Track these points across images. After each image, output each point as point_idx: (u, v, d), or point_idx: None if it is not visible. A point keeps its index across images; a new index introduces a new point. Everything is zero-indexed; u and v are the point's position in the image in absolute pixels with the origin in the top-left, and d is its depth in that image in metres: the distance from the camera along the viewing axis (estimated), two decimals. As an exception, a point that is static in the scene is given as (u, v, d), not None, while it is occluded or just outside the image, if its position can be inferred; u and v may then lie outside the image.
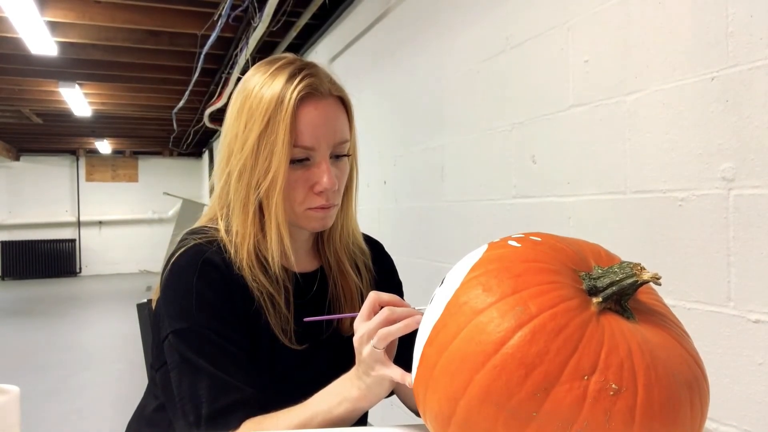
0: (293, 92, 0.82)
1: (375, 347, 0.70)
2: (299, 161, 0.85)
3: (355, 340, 0.73)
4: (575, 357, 0.48)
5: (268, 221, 0.86)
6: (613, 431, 0.47)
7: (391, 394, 1.00)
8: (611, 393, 0.47)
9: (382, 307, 0.73)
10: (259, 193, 0.85)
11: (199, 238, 0.88)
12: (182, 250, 0.86)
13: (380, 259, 1.07)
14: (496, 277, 0.54)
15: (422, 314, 0.74)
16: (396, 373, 0.71)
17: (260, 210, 0.87)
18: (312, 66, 0.88)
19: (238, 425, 0.78)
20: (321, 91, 0.85)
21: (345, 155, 0.90)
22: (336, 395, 0.76)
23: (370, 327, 0.71)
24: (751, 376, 1.04)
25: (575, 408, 0.47)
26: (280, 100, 0.82)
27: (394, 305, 0.73)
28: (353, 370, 0.76)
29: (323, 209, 0.87)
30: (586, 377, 0.47)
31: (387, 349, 0.75)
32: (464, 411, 0.50)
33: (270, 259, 0.87)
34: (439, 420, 0.53)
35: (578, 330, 0.50)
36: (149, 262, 10.54)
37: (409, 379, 0.70)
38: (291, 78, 0.83)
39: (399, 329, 0.70)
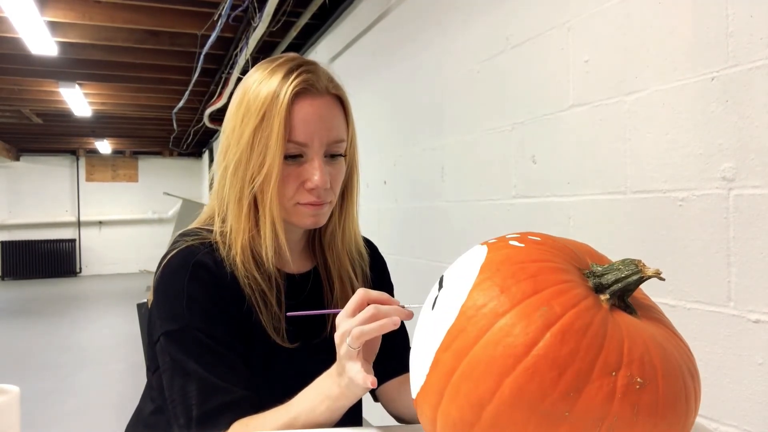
0: (289, 87, 0.82)
1: (350, 346, 0.69)
2: (292, 157, 0.84)
3: (337, 336, 0.72)
4: (603, 354, 0.48)
5: (263, 217, 0.86)
6: (640, 424, 0.47)
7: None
8: (637, 387, 0.48)
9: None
10: (253, 188, 0.85)
11: (192, 240, 0.88)
12: (174, 252, 0.86)
13: (374, 262, 1.07)
14: (512, 277, 0.54)
15: (411, 312, 0.72)
16: (358, 375, 0.69)
17: (255, 205, 0.87)
18: (311, 63, 0.88)
19: (227, 427, 0.78)
20: (317, 87, 0.85)
21: (340, 155, 0.89)
22: (318, 393, 0.75)
23: (352, 324, 0.70)
24: (751, 376, 1.04)
25: (606, 404, 0.47)
26: (275, 95, 0.82)
27: (382, 303, 0.72)
28: (334, 367, 0.75)
29: (314, 206, 0.87)
30: (613, 373, 0.48)
31: (367, 351, 0.74)
32: (491, 416, 0.49)
33: (264, 256, 0.87)
34: (458, 428, 0.52)
35: (601, 327, 0.50)
36: (149, 262, 10.53)
37: (371, 381, 0.68)
38: (288, 74, 0.84)
39: (373, 329, 0.68)
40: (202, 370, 0.80)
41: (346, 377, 0.71)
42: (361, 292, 0.73)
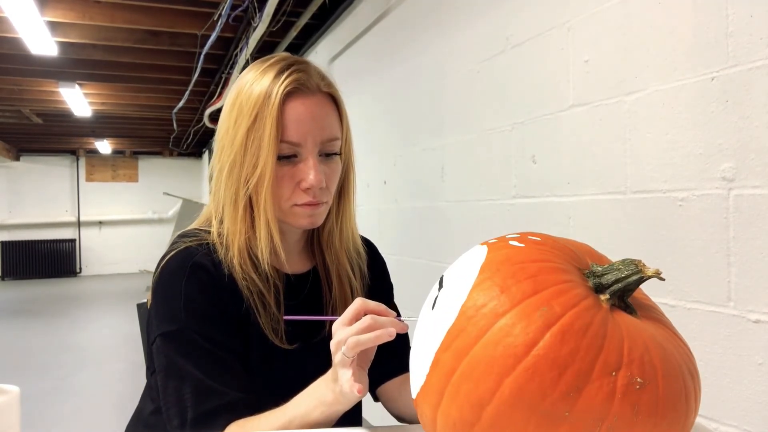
0: (280, 87, 0.82)
1: (344, 354, 0.69)
2: (286, 158, 0.84)
3: (332, 344, 0.72)
4: (603, 354, 0.49)
5: (258, 217, 0.85)
6: (640, 424, 0.48)
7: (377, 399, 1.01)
8: (637, 387, 0.48)
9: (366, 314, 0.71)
10: (248, 189, 0.85)
11: (190, 241, 0.88)
12: (172, 253, 0.86)
13: (373, 262, 1.06)
14: (512, 277, 0.54)
15: (407, 325, 0.72)
16: (347, 383, 0.69)
17: (251, 206, 0.87)
18: (302, 62, 0.88)
19: (222, 429, 0.78)
20: (309, 86, 0.85)
21: (335, 153, 0.89)
22: (313, 399, 0.76)
23: (348, 333, 0.70)
24: (751, 376, 1.04)
25: (606, 404, 0.47)
26: (267, 95, 0.82)
27: (379, 314, 0.72)
28: (329, 373, 0.75)
29: (310, 206, 0.86)
30: (613, 373, 0.48)
31: (362, 358, 0.74)
32: (491, 416, 0.49)
33: (260, 257, 0.87)
34: (458, 428, 0.52)
35: (601, 327, 0.50)
36: (149, 262, 10.52)
37: (357, 389, 0.68)
38: (279, 74, 0.84)
39: (369, 339, 0.68)
40: (198, 371, 0.80)
41: (339, 384, 0.71)
42: (358, 302, 0.73)
